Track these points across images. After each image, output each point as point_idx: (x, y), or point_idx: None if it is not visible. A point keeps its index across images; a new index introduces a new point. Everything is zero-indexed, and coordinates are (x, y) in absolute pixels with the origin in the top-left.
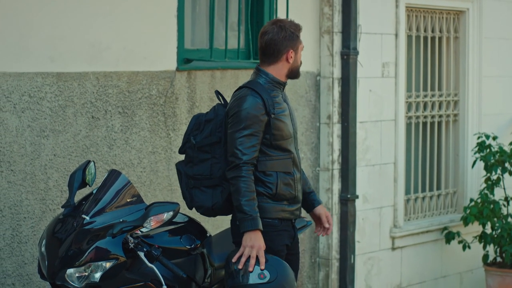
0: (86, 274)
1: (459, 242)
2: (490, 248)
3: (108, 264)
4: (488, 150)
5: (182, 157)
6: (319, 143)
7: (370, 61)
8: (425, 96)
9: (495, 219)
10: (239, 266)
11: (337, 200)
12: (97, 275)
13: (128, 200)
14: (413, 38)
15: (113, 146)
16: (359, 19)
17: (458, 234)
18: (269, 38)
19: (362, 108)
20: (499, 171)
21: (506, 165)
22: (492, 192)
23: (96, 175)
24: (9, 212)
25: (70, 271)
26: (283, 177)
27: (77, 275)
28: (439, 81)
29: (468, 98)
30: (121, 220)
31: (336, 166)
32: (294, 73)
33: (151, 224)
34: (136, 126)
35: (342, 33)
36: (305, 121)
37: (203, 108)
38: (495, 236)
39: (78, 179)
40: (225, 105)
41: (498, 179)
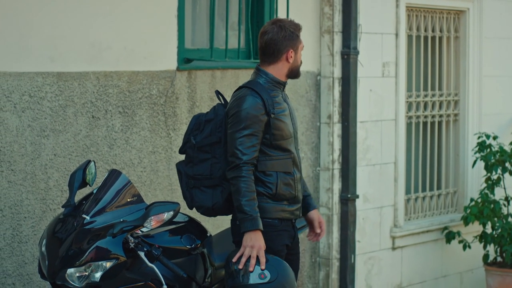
0: (87, 274)
1: (460, 242)
2: (491, 248)
3: (109, 264)
4: (489, 150)
5: (183, 157)
6: (320, 143)
7: (371, 61)
8: (426, 96)
9: (496, 219)
10: (240, 266)
11: (338, 200)
12: (98, 275)
13: (129, 200)
14: (414, 38)
15: (114, 146)
16: (360, 19)
17: (459, 234)
18: (269, 38)
19: (363, 108)
20: (500, 171)
21: (507, 165)
22: (493, 192)
23: (97, 175)
24: (10, 212)
25: (71, 271)
26: (283, 177)
27: (78, 275)
28: (440, 81)
29: (469, 98)
30: (122, 220)
31: (337, 166)
32: (294, 73)
33: (152, 224)
34: (137, 126)
35: (343, 33)
36: (306, 121)
37: (204, 108)
38: (496, 236)
39: (79, 179)
40: (226, 105)
41: (499, 179)
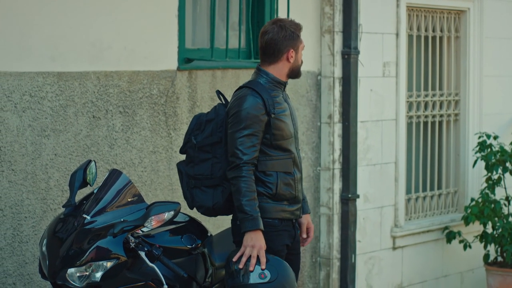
0: (87, 274)
1: (460, 242)
2: (491, 248)
3: (109, 264)
4: (489, 150)
5: (183, 157)
6: (320, 143)
7: (371, 61)
8: (426, 96)
9: (496, 219)
10: (240, 266)
11: (338, 200)
12: (98, 275)
13: (129, 200)
14: (414, 38)
15: (114, 146)
16: (360, 19)
17: (459, 234)
18: (270, 38)
19: (363, 108)
20: (500, 171)
21: (507, 165)
22: (493, 192)
23: (97, 175)
24: (10, 212)
25: (71, 271)
26: (283, 177)
27: (78, 275)
28: (440, 81)
29: (469, 98)
30: (122, 220)
31: (337, 166)
32: (295, 73)
33: (152, 224)
34: (137, 126)
35: (343, 33)
36: (306, 121)
37: (204, 108)
38: (496, 236)
39: (79, 179)
40: (226, 105)
41: (499, 179)
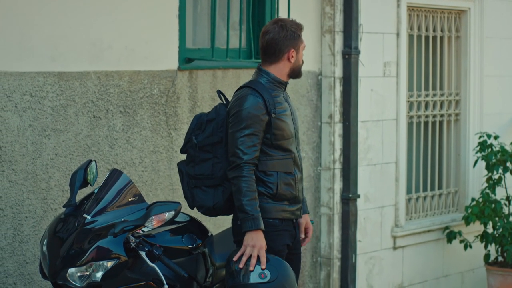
0: (88, 274)
1: (461, 242)
2: (492, 248)
3: (110, 264)
4: (490, 150)
5: (184, 157)
6: (321, 143)
7: (372, 61)
8: (427, 96)
9: (497, 219)
10: (240, 266)
11: (339, 200)
12: (99, 275)
13: (130, 200)
14: (415, 38)
15: (115, 146)
16: (361, 19)
17: (460, 234)
18: (270, 38)
19: (364, 108)
20: (501, 171)
21: (508, 165)
22: (494, 192)
23: (98, 175)
24: (11, 212)
25: (72, 271)
26: (284, 177)
27: (79, 275)
28: (441, 81)
29: (470, 98)
30: (123, 220)
31: (338, 166)
32: (296, 73)
33: (153, 224)
34: (138, 126)
35: (344, 33)
36: (307, 121)
37: (205, 108)
38: (497, 236)
39: (80, 179)
40: (227, 105)
41: (500, 179)
